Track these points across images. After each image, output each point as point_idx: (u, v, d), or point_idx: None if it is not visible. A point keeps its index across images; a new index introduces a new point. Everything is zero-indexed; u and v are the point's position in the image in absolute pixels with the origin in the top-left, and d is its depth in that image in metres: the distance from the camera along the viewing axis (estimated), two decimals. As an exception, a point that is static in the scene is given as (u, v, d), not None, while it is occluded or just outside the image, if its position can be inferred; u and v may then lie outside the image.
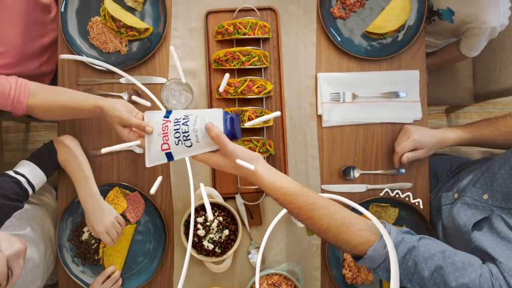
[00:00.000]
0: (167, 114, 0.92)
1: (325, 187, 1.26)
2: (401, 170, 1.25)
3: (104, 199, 1.21)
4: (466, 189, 1.11)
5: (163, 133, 0.90)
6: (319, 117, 1.27)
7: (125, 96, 1.26)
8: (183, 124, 0.88)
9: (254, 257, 1.25)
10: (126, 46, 1.28)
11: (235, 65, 1.21)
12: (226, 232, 1.17)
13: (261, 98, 1.25)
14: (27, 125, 2.12)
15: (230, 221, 1.19)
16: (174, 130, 0.88)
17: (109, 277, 1.20)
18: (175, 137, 0.88)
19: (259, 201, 1.24)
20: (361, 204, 1.21)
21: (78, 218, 1.24)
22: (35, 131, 2.12)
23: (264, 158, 0.95)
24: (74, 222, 1.24)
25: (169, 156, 0.90)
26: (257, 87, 1.20)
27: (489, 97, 1.61)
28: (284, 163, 1.26)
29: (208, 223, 1.17)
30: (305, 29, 1.28)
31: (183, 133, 0.87)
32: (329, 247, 1.23)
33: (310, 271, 1.25)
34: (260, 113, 1.21)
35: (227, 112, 0.89)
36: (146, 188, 1.26)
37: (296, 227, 1.24)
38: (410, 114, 1.26)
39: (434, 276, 0.80)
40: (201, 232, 1.17)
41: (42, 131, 2.10)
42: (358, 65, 1.28)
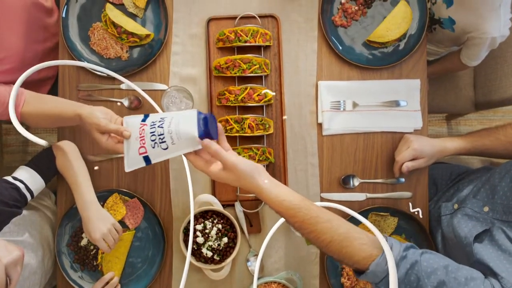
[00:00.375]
0: (145, 117, 0.91)
1: (324, 195, 1.26)
2: (400, 179, 1.25)
3: (103, 205, 1.21)
4: (466, 200, 1.10)
5: (140, 137, 0.88)
6: (319, 125, 1.27)
7: (125, 102, 1.26)
8: (159, 126, 0.86)
9: (253, 264, 1.24)
10: (127, 52, 1.28)
11: (236, 73, 1.21)
12: (225, 239, 1.17)
13: (261, 106, 1.25)
14: (27, 127, 2.11)
15: (229, 228, 1.19)
16: (150, 133, 0.87)
17: (107, 283, 1.20)
18: (151, 140, 0.87)
19: (258, 208, 1.24)
20: (360, 213, 1.21)
21: (77, 223, 1.23)
22: (35, 134, 2.10)
23: (264, 166, 0.94)
24: (73, 228, 1.24)
25: (146, 159, 0.88)
26: (258, 95, 1.20)
27: (490, 106, 1.60)
28: (283, 171, 1.25)
29: (207, 230, 1.17)
30: (306, 37, 1.28)
31: (158, 135, 0.86)
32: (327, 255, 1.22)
33: (308, 279, 1.25)
34: (261, 121, 1.20)
35: (201, 112, 0.87)
36: (146, 194, 1.26)
37: (295, 236, 1.24)
38: (411, 123, 1.26)
39: None
40: (200, 240, 1.17)
41: (42, 134, 2.10)
42: (359, 73, 1.28)
